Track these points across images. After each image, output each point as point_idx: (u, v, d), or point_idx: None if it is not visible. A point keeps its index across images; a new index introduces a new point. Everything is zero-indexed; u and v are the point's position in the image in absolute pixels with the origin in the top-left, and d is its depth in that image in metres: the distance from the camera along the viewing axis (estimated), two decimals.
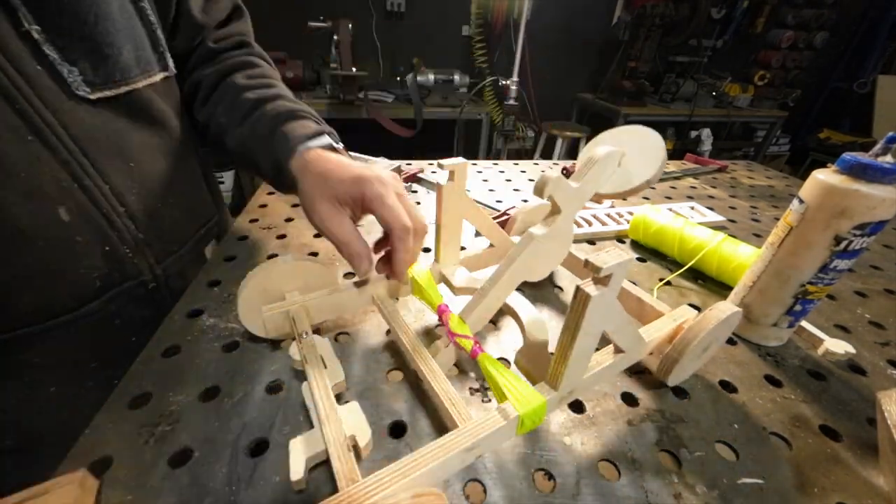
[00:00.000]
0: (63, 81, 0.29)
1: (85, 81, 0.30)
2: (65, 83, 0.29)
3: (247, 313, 0.34)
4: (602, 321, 0.23)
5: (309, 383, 0.27)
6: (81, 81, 0.30)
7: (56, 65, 0.28)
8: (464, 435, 0.23)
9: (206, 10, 0.44)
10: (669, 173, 0.84)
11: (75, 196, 0.32)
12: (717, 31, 2.56)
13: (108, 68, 0.32)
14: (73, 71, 0.29)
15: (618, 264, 0.20)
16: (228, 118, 0.42)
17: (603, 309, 0.22)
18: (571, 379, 0.25)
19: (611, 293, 0.22)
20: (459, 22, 2.30)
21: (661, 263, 0.51)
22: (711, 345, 0.32)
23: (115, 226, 0.35)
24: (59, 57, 0.28)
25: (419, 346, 0.30)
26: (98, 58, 0.31)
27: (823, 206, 0.32)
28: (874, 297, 0.47)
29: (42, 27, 0.27)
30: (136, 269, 0.39)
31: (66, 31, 0.28)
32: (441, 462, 0.21)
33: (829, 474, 0.27)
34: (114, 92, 0.33)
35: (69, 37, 0.28)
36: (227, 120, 0.42)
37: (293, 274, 0.35)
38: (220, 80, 0.44)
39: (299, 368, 0.32)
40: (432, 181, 0.72)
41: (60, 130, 0.29)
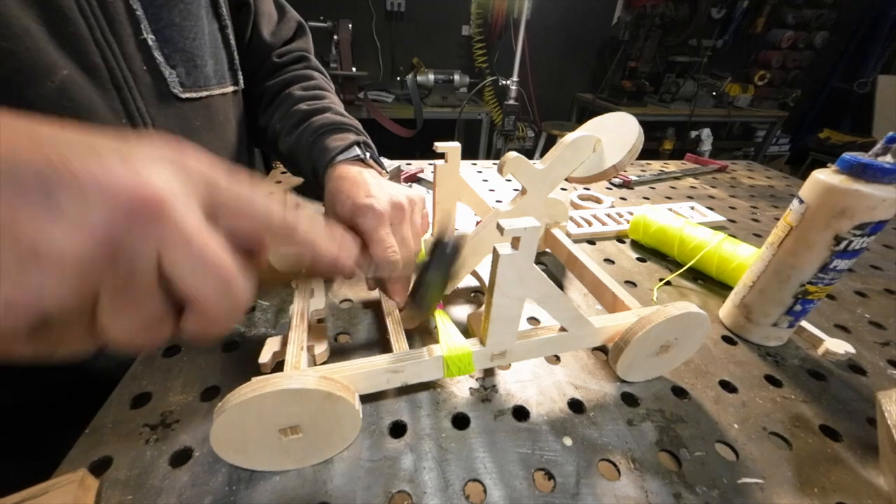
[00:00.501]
0: (163, 80, 0.35)
1: (179, 83, 0.37)
2: (164, 82, 0.36)
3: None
4: (519, 285, 0.25)
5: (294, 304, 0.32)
6: (177, 82, 0.36)
7: (161, 66, 0.35)
8: (392, 358, 0.27)
9: (274, 33, 0.52)
10: (669, 173, 0.84)
11: None
12: (717, 31, 2.56)
13: (196, 76, 0.39)
14: (172, 73, 0.36)
15: (524, 228, 0.22)
16: (282, 125, 0.48)
17: (516, 271, 0.24)
18: (499, 338, 0.28)
19: (523, 256, 0.23)
20: (459, 22, 2.30)
21: (661, 263, 0.51)
22: (675, 346, 0.32)
23: None
24: (164, 61, 0.35)
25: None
26: (192, 66, 0.38)
27: (823, 206, 0.32)
28: (874, 297, 0.47)
29: (156, 37, 0.34)
30: None
31: (171, 43, 0.35)
32: (365, 373, 0.26)
33: (829, 474, 0.28)
34: (198, 94, 0.39)
35: (173, 47, 0.35)
36: (281, 126, 0.48)
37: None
38: (280, 90, 0.51)
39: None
40: (432, 181, 0.72)
41: (148, 120, 0.35)
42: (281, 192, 0.20)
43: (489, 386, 0.33)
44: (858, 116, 2.79)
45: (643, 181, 0.80)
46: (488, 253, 0.32)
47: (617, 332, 0.31)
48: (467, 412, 0.30)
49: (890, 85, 2.62)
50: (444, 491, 0.25)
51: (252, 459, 0.25)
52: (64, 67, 0.29)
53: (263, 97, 0.52)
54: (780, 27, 2.55)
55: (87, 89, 0.31)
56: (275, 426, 0.23)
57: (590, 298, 0.44)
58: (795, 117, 2.93)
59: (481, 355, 0.29)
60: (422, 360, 0.27)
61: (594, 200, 0.69)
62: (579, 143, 0.33)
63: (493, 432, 0.29)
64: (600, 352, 0.36)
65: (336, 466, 0.26)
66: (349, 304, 0.41)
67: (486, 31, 2.28)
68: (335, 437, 0.26)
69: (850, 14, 2.67)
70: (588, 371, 0.34)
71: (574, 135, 0.33)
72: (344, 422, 0.25)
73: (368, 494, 0.25)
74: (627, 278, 0.48)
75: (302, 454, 0.26)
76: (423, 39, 2.30)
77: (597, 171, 0.34)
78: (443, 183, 0.40)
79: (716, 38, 2.55)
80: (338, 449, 0.27)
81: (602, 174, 0.34)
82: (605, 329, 0.31)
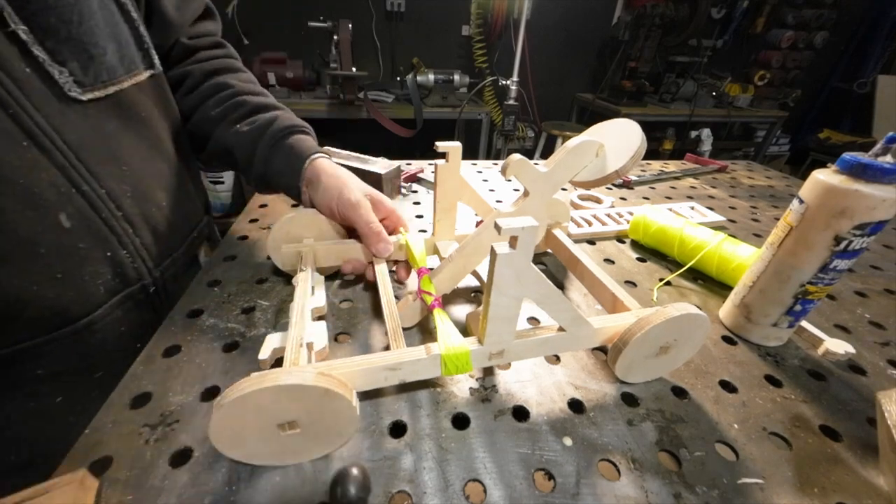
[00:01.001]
0: (54, 83, 0.28)
1: (76, 82, 0.30)
2: (56, 85, 0.29)
3: (273, 250, 0.42)
4: (517, 284, 0.25)
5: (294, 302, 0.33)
6: (73, 82, 0.29)
7: (46, 65, 0.28)
8: (391, 356, 0.27)
9: (179, 8, 0.43)
10: (669, 173, 0.84)
11: (74, 201, 0.31)
12: (717, 31, 2.56)
13: (95, 68, 0.31)
14: (63, 72, 0.29)
15: (521, 227, 0.22)
16: (221, 113, 0.45)
17: (514, 270, 0.24)
18: (497, 337, 0.28)
19: (520, 255, 0.23)
20: (459, 22, 2.30)
21: (661, 263, 0.51)
22: (674, 347, 0.32)
23: (114, 230, 0.35)
24: (48, 58, 0.28)
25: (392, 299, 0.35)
26: (86, 58, 0.30)
27: (823, 206, 0.32)
28: (874, 297, 0.47)
29: (29, 27, 0.26)
30: (137, 274, 0.38)
31: (53, 31, 0.28)
32: (363, 370, 0.26)
33: (829, 474, 0.28)
34: (103, 93, 0.32)
35: (55, 37, 0.28)
36: (219, 114, 0.45)
37: (311, 223, 0.42)
38: (207, 77, 0.47)
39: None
40: (432, 181, 0.72)
41: (54, 134, 0.28)
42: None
43: (489, 386, 0.33)
44: (858, 116, 2.79)
45: (643, 181, 0.80)
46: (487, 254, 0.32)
47: (616, 332, 0.31)
48: (467, 412, 0.30)
49: (890, 85, 2.62)
50: (444, 491, 0.25)
51: (250, 454, 0.25)
52: None
53: (183, 82, 0.46)
54: (780, 27, 2.55)
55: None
56: (273, 421, 0.23)
57: (589, 299, 0.44)
58: (795, 117, 2.93)
59: (479, 354, 0.29)
60: (420, 359, 0.27)
61: (594, 200, 0.69)
62: (582, 148, 0.33)
63: (493, 432, 0.29)
64: (600, 352, 0.36)
65: (336, 466, 0.26)
66: (349, 305, 0.41)
67: (486, 31, 2.28)
68: (333, 434, 0.26)
69: (850, 14, 2.66)
70: (588, 371, 0.34)
71: (577, 139, 0.33)
72: (341, 418, 0.25)
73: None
74: (627, 278, 0.48)
75: (300, 449, 0.26)
76: (423, 39, 2.30)
77: (600, 176, 0.34)
78: (444, 182, 0.41)
79: (716, 38, 2.55)
80: (335, 445, 0.27)
81: (605, 178, 0.34)
82: (604, 330, 0.31)
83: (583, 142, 0.33)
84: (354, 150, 0.68)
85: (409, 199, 0.67)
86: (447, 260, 0.36)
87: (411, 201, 0.66)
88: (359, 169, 0.63)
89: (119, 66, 0.33)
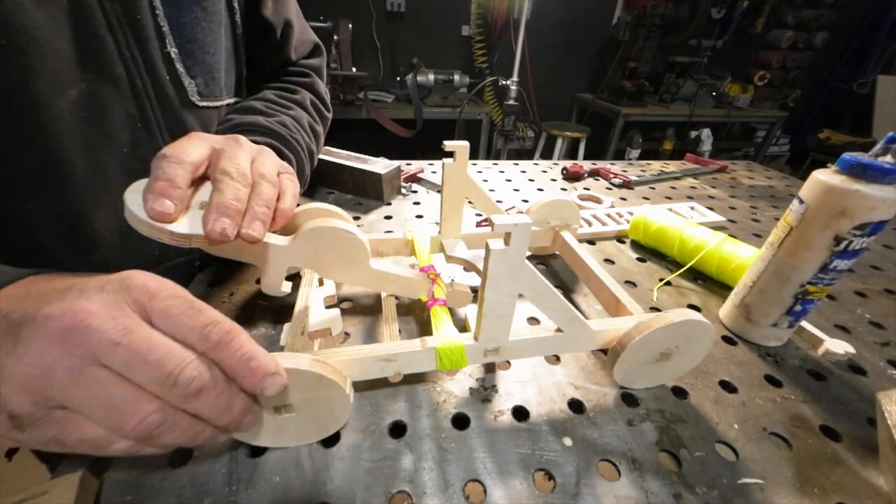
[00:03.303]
0: (183, 90, 0.37)
1: (198, 92, 0.39)
2: (184, 91, 0.37)
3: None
4: (511, 281, 0.25)
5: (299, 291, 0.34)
6: (196, 92, 0.38)
7: (181, 76, 0.37)
8: (387, 347, 0.28)
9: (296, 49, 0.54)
10: (669, 173, 0.84)
11: None
12: (717, 31, 2.56)
13: (213, 87, 0.40)
14: (191, 83, 0.38)
15: (514, 224, 0.22)
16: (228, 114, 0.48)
17: (508, 266, 0.24)
18: (492, 333, 0.28)
19: (514, 252, 0.24)
20: (459, 22, 2.30)
21: (661, 263, 0.51)
22: (676, 355, 0.31)
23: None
24: (185, 72, 0.37)
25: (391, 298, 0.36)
26: (209, 78, 0.40)
27: (823, 207, 0.32)
28: (874, 297, 0.47)
29: (178, 50, 0.36)
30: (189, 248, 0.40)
31: (192, 56, 0.37)
32: (358, 359, 0.27)
33: (829, 474, 0.28)
34: (213, 103, 0.41)
35: (194, 60, 0.37)
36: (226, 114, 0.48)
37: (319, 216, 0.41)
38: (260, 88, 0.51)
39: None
40: (432, 181, 0.72)
41: (163, 125, 0.36)
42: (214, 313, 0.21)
43: (489, 386, 0.33)
44: (858, 117, 2.79)
45: (643, 181, 0.80)
46: None
47: (616, 336, 0.31)
48: (467, 412, 0.30)
49: (890, 85, 2.62)
50: (444, 491, 0.25)
51: (249, 434, 0.25)
52: (83, 80, 0.30)
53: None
54: (779, 27, 2.55)
55: (106, 98, 0.31)
56: (269, 403, 0.24)
57: (589, 300, 0.44)
58: (795, 117, 2.93)
59: (474, 350, 0.29)
60: (415, 351, 0.28)
61: (594, 200, 0.69)
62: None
63: (493, 432, 0.29)
64: (601, 352, 0.36)
65: (336, 466, 0.26)
66: (349, 305, 0.41)
67: (486, 31, 2.28)
68: (327, 420, 0.27)
69: (850, 14, 2.67)
70: (588, 372, 0.34)
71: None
72: (335, 405, 0.26)
73: (368, 494, 0.25)
74: (627, 278, 0.48)
75: (296, 433, 0.26)
76: (423, 39, 2.30)
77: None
78: (451, 181, 0.41)
79: (716, 39, 2.55)
80: (329, 431, 0.27)
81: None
82: (603, 332, 0.31)
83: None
84: (354, 150, 0.68)
85: (409, 198, 0.67)
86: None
87: (411, 201, 0.66)
88: (359, 169, 0.63)
89: (224, 89, 0.43)
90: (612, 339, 0.31)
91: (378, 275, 0.34)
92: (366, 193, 0.65)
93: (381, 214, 0.61)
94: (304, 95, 0.53)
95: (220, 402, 0.20)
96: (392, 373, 0.28)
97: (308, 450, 0.27)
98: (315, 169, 0.68)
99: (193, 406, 0.19)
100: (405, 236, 0.42)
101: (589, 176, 0.82)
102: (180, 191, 0.26)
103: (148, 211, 0.25)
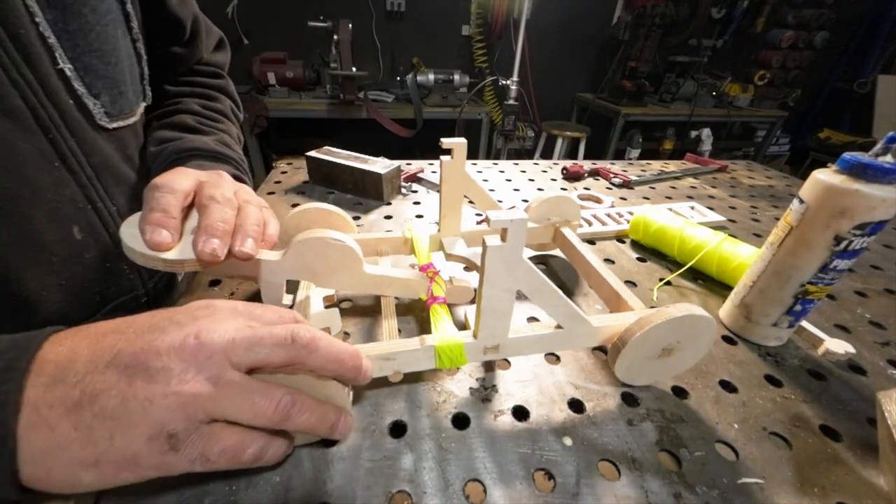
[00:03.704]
0: (88, 112, 0.33)
1: (105, 113, 0.34)
2: (90, 114, 0.33)
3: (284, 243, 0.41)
4: (509, 277, 0.25)
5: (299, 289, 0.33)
6: (103, 113, 0.34)
7: (83, 98, 0.32)
8: (386, 345, 0.28)
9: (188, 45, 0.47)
10: (669, 173, 0.84)
11: (88, 216, 0.34)
12: (717, 31, 2.57)
13: (121, 101, 0.36)
14: (96, 104, 0.33)
15: (511, 220, 0.22)
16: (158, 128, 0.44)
17: (505, 262, 0.24)
18: (491, 331, 0.28)
19: (511, 248, 0.24)
20: (459, 22, 2.30)
21: (661, 263, 0.51)
22: (678, 350, 0.31)
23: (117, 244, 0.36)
24: (86, 91, 0.32)
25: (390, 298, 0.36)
26: (116, 93, 0.35)
27: (823, 206, 0.32)
28: (874, 297, 0.47)
29: (73, 66, 0.31)
30: (131, 284, 0.40)
31: (92, 70, 0.32)
32: None
33: (829, 474, 0.28)
34: (124, 122, 0.37)
35: (94, 73, 0.32)
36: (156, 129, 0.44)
37: (320, 216, 0.42)
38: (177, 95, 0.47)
39: None
40: (432, 181, 0.72)
41: (82, 157, 0.32)
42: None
43: (489, 386, 0.33)
44: (858, 116, 2.79)
45: (643, 181, 0.80)
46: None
47: (616, 332, 0.31)
48: (467, 412, 0.30)
49: (890, 85, 2.62)
50: (444, 491, 0.25)
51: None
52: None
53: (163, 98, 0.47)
54: (780, 27, 2.55)
55: (11, 135, 0.27)
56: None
57: (589, 299, 0.44)
58: (795, 117, 2.93)
59: (473, 348, 0.29)
60: (414, 349, 0.28)
61: (594, 200, 0.69)
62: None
63: (493, 432, 0.29)
64: (601, 352, 0.36)
65: (336, 466, 0.26)
66: (349, 304, 0.41)
67: (486, 31, 2.29)
68: None
69: (850, 14, 2.67)
70: (588, 371, 0.34)
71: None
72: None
73: (368, 494, 0.25)
74: (627, 278, 0.48)
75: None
76: (423, 39, 2.30)
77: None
78: (449, 179, 0.41)
79: (716, 38, 2.55)
80: None
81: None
82: (603, 328, 0.31)
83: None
84: (354, 150, 0.68)
85: (409, 198, 0.67)
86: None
87: (411, 201, 0.66)
88: (359, 169, 0.63)
89: (133, 99, 0.38)
90: (613, 335, 0.31)
91: (374, 279, 0.34)
92: (366, 193, 0.65)
93: (381, 214, 0.61)
94: (225, 103, 0.50)
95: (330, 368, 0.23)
96: (391, 372, 0.28)
97: (308, 450, 0.27)
98: (315, 168, 0.68)
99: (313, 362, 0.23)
100: (404, 235, 0.42)
101: (589, 176, 0.82)
102: (175, 220, 0.27)
103: (147, 242, 0.26)
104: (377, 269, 0.34)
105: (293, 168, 0.76)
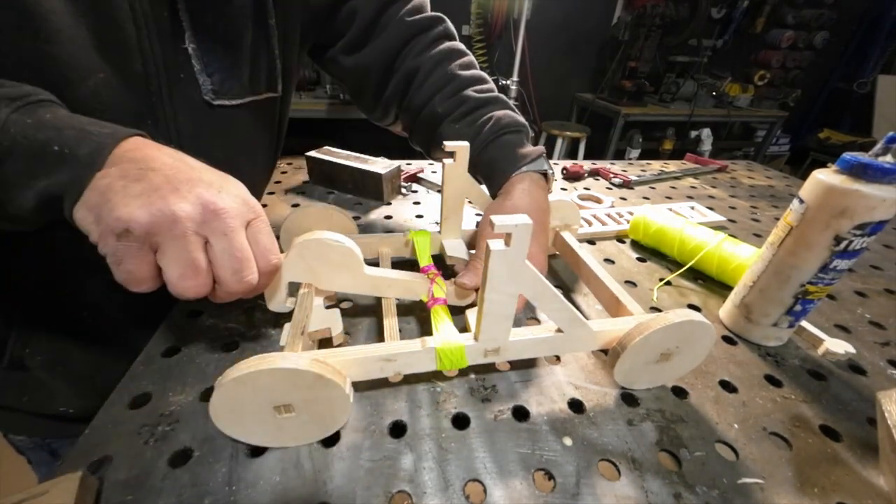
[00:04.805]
0: (197, 87, 0.36)
1: (213, 90, 0.38)
2: (198, 89, 0.37)
3: (285, 242, 0.42)
4: (511, 281, 0.25)
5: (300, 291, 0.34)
6: (211, 90, 0.37)
7: (197, 74, 0.36)
8: (387, 347, 0.28)
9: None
10: (669, 173, 0.84)
11: None
12: (717, 31, 2.56)
13: (231, 84, 0.39)
14: (206, 81, 0.37)
15: (515, 224, 0.22)
16: (446, 108, 0.46)
17: (508, 267, 0.24)
18: (492, 333, 0.28)
19: (514, 252, 0.24)
20: (459, 22, 2.30)
21: (662, 263, 0.51)
22: (677, 355, 0.31)
23: None
24: (201, 68, 0.36)
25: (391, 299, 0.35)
26: (227, 76, 0.38)
27: (823, 206, 0.32)
28: (874, 297, 0.47)
29: (197, 46, 0.35)
30: None
31: (212, 53, 0.36)
32: (358, 359, 0.27)
33: (829, 474, 0.28)
34: (230, 102, 0.40)
35: (213, 56, 0.36)
36: (444, 110, 0.46)
37: (322, 216, 0.43)
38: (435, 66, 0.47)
39: None
40: (432, 181, 0.72)
41: (172, 124, 0.36)
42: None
43: (489, 386, 0.33)
44: (858, 116, 2.79)
45: (643, 181, 0.80)
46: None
47: (616, 336, 0.31)
48: (467, 412, 0.30)
49: (890, 85, 2.62)
50: (444, 491, 0.25)
51: (249, 433, 0.26)
52: (101, 71, 0.30)
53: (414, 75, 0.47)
54: (779, 27, 2.55)
55: (119, 92, 0.32)
56: (269, 403, 0.24)
57: (589, 300, 0.44)
58: (795, 117, 2.93)
59: (474, 350, 0.29)
60: (415, 351, 0.28)
61: (594, 200, 0.69)
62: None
63: (493, 432, 0.29)
64: (601, 353, 0.36)
65: (336, 466, 0.26)
66: (349, 305, 0.41)
67: (486, 31, 2.28)
68: (326, 419, 0.27)
69: (850, 14, 2.67)
70: (588, 371, 0.34)
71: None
72: (335, 405, 0.26)
73: (368, 494, 0.25)
74: (627, 278, 0.48)
75: (296, 433, 0.26)
76: None
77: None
78: (451, 181, 0.41)
79: (716, 38, 2.55)
80: (329, 431, 0.27)
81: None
82: (603, 333, 0.31)
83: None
84: (354, 150, 0.68)
85: (409, 198, 0.67)
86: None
87: (411, 201, 0.66)
88: (359, 169, 0.63)
89: (248, 87, 0.41)
90: (613, 340, 0.31)
91: (375, 280, 0.34)
92: (366, 193, 0.65)
93: (381, 214, 0.61)
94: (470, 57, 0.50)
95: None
96: (392, 373, 0.28)
97: (308, 450, 0.27)
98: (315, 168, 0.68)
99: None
100: (405, 236, 0.42)
101: (589, 176, 0.82)
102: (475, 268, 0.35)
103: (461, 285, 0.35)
104: (377, 271, 0.34)
105: (293, 168, 0.76)
